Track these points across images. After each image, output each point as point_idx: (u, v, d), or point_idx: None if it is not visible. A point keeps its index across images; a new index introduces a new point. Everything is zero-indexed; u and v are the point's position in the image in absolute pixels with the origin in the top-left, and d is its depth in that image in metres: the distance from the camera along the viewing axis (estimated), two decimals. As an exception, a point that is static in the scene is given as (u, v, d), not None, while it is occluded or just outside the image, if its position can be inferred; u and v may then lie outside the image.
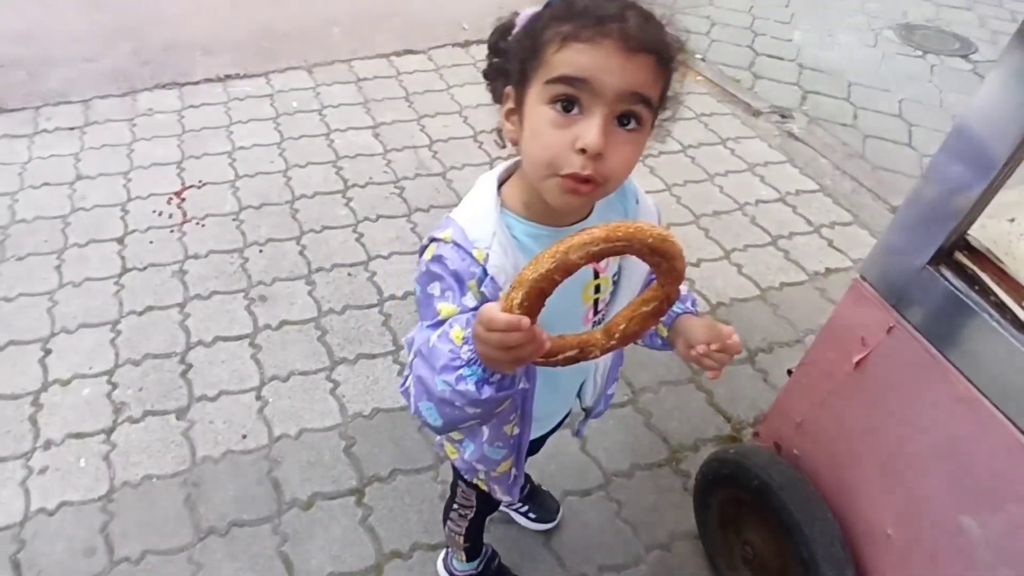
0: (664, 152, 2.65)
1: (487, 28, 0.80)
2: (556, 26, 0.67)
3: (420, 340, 0.74)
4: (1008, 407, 0.90)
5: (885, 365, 1.08)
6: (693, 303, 0.94)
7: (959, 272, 0.96)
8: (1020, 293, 0.91)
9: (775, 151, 2.77)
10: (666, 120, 0.76)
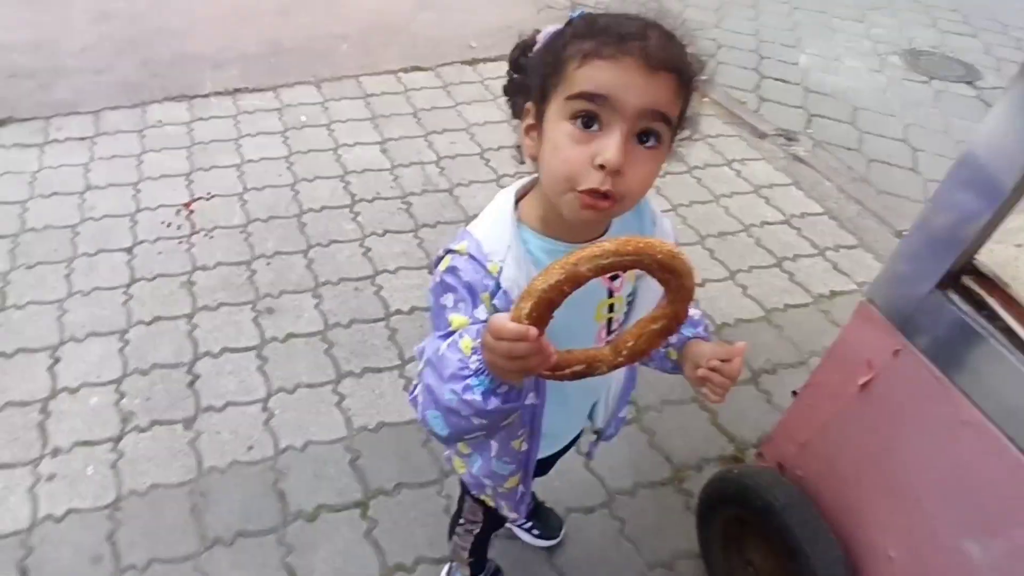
0: (670, 172, 2.73)
1: (495, 46, 0.85)
2: (578, 43, 0.69)
3: (431, 349, 0.76)
4: (1014, 432, 0.91)
5: (891, 388, 1.09)
6: (706, 329, 0.95)
7: (966, 296, 0.97)
8: (1027, 318, 0.92)
9: (780, 173, 2.85)
10: (685, 139, 0.78)
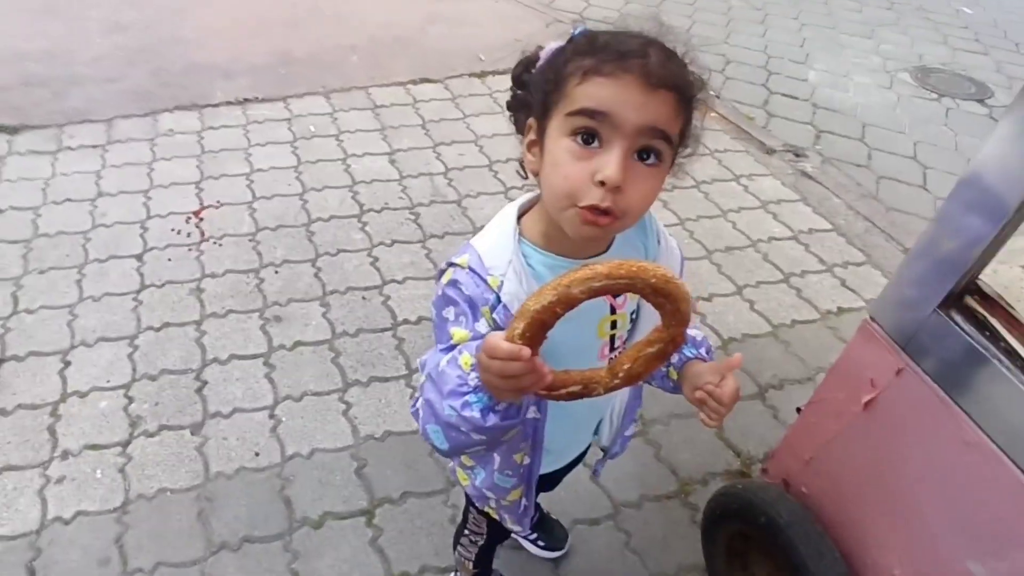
0: (678, 187, 2.79)
1: (504, 59, 0.89)
2: (578, 60, 0.71)
3: (432, 363, 0.78)
4: (1017, 454, 0.91)
5: (894, 407, 1.10)
6: (708, 350, 0.95)
7: (969, 317, 0.98)
8: (1031, 339, 0.92)
9: (788, 189, 2.91)
10: (686, 157, 0.80)
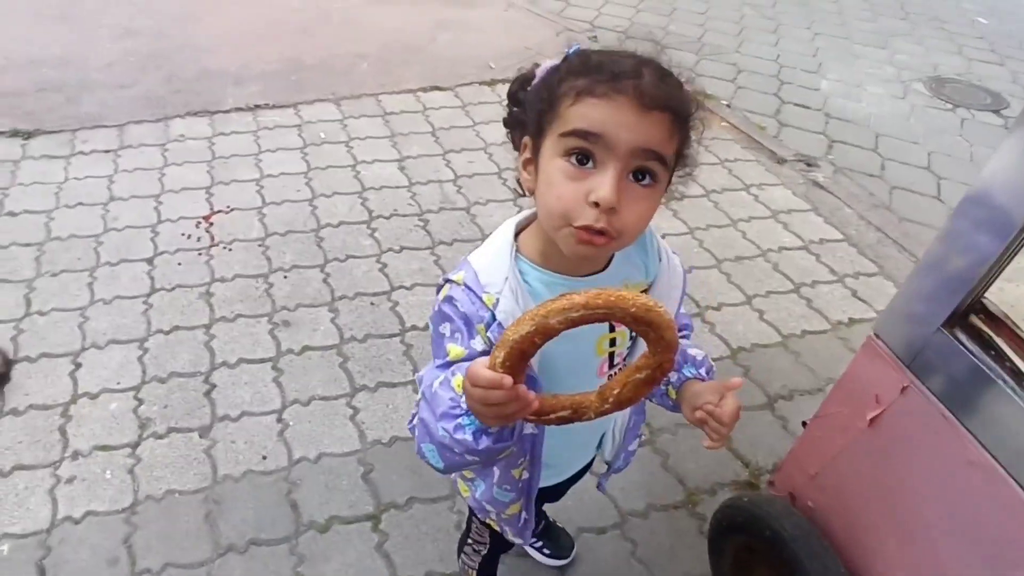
0: (687, 196, 2.81)
1: (514, 67, 0.87)
2: (572, 80, 0.72)
3: (427, 381, 0.79)
4: (1022, 475, 0.91)
5: (899, 425, 1.10)
6: (709, 370, 0.95)
7: (974, 336, 0.97)
8: (1038, 360, 0.91)
9: (799, 199, 2.95)
10: (683, 177, 0.81)
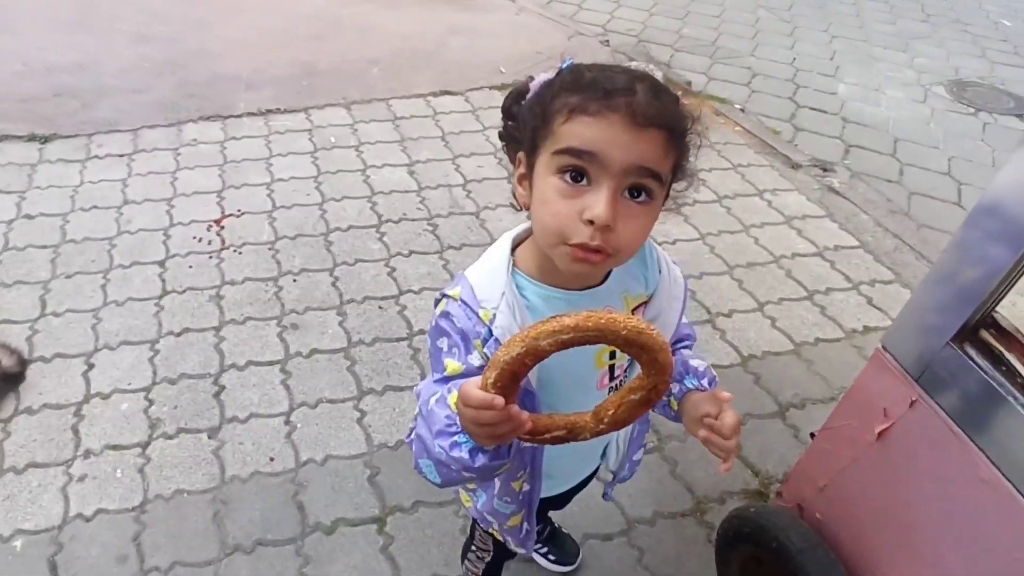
0: (699, 201, 2.86)
1: (525, 72, 0.89)
2: (565, 96, 0.71)
3: (425, 395, 0.80)
4: None
5: (908, 439, 1.10)
6: (711, 381, 0.94)
7: (984, 351, 0.96)
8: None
9: (814, 205, 2.95)
10: (682, 191, 0.80)
